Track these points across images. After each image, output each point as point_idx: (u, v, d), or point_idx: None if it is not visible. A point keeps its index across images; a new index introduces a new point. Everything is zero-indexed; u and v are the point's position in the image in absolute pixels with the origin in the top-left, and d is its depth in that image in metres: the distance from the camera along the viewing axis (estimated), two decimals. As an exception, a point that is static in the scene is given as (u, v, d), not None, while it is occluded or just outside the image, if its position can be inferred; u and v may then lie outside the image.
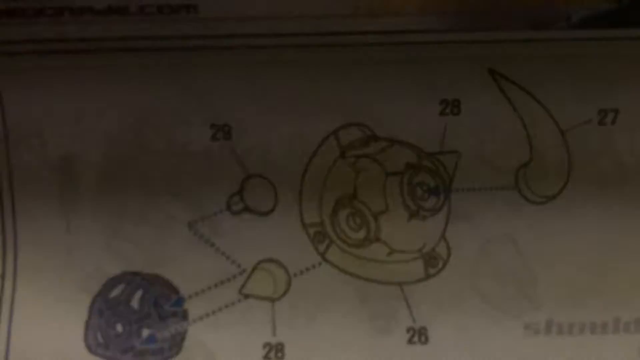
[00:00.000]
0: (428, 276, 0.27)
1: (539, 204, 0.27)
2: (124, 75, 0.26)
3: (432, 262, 0.27)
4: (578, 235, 0.27)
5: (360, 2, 0.25)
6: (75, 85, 0.26)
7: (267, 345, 0.27)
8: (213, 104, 0.26)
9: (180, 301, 0.27)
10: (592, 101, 0.27)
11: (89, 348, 0.27)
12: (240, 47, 0.25)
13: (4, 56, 0.26)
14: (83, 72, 0.26)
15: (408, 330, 0.27)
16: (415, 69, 0.26)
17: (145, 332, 0.27)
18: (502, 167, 0.27)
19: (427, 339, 0.27)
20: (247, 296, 0.27)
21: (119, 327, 0.27)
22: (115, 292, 0.27)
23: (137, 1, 0.24)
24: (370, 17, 0.25)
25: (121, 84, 0.26)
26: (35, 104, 0.26)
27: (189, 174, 0.27)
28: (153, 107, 0.26)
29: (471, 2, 0.25)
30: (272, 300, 0.27)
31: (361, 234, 0.27)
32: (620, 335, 0.27)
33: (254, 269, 0.27)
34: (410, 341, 0.27)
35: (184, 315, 0.27)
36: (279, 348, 0.27)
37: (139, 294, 0.27)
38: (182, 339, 0.27)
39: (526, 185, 0.27)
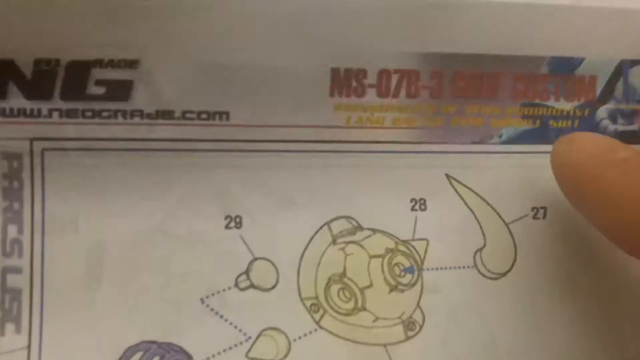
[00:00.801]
0: (407, 338, 0.32)
1: (494, 279, 0.33)
2: (156, 170, 0.32)
3: (410, 326, 0.32)
4: (528, 303, 0.33)
5: (351, 116, 0.33)
6: (110, 181, 0.31)
7: (272, 403, 0.30)
8: (229, 199, 0.32)
9: (193, 366, 0.31)
10: (525, 200, 0.34)
11: (111, 413, 0.30)
12: (263, 151, 0.32)
13: (57, 151, 0.31)
14: (120, 169, 0.32)
15: (393, 387, 0.31)
16: (392, 174, 0.33)
17: (162, 396, 0.30)
18: (462, 251, 0.33)
19: None
20: (252, 359, 0.31)
21: (138, 392, 0.30)
22: (134, 359, 0.31)
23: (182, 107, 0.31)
24: (360, 128, 0.33)
25: (153, 180, 0.32)
26: (74, 197, 0.31)
27: (203, 257, 0.32)
28: (176, 200, 0.32)
29: (431, 120, 0.33)
30: (275, 362, 0.31)
31: (350, 305, 0.32)
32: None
33: (258, 335, 0.31)
34: None
35: (197, 378, 0.30)
36: (283, 406, 0.30)
37: (156, 359, 0.31)
38: (196, 398, 0.30)
39: (482, 264, 0.33)
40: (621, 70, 0.34)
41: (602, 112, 0.35)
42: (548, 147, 0.34)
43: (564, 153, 0.29)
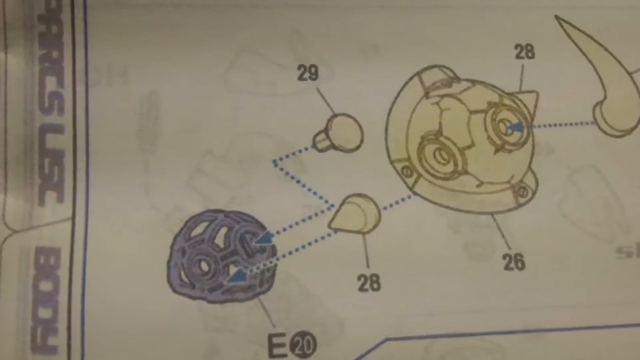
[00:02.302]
0: (519, 205, 0.27)
1: (618, 136, 0.28)
2: (216, 13, 0.27)
3: (522, 192, 0.27)
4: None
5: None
6: (162, 26, 0.27)
7: (361, 276, 0.25)
8: (300, 46, 0.27)
9: (267, 237, 0.26)
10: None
11: (173, 288, 0.25)
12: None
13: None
14: (172, 14, 0.27)
15: (504, 257, 0.26)
16: (491, 16, 0.28)
17: (233, 269, 0.25)
18: (579, 105, 0.28)
19: (523, 265, 0.26)
20: (336, 230, 0.26)
21: (204, 266, 0.25)
22: (197, 231, 0.26)
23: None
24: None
25: (213, 23, 0.27)
26: (121, 43, 0.26)
27: (275, 113, 0.27)
28: (240, 48, 0.27)
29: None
30: (363, 233, 0.26)
31: (449, 167, 0.27)
32: None
33: (342, 203, 0.26)
34: (507, 267, 0.26)
35: (273, 251, 0.26)
36: (374, 279, 0.25)
37: (223, 231, 0.26)
38: (273, 274, 0.25)
39: (603, 119, 0.28)
40: None
41: None
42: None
43: None
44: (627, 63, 0.29)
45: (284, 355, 0.25)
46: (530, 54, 0.28)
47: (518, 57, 0.28)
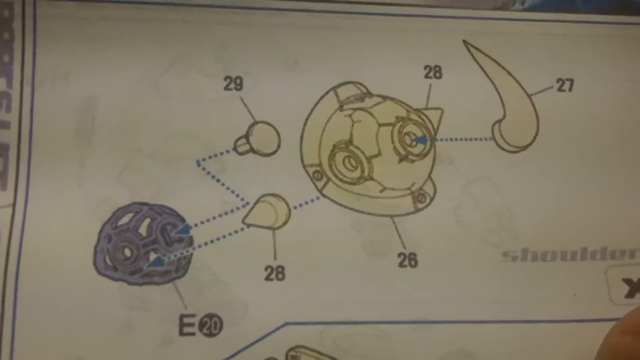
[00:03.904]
0: (417, 210, 0.30)
1: (513, 152, 0.31)
2: (151, 26, 0.30)
3: (420, 198, 0.30)
4: (547, 179, 0.30)
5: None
6: (102, 36, 0.30)
7: (268, 267, 0.28)
8: (228, 58, 0.30)
9: (186, 228, 0.29)
10: (550, 71, 0.31)
11: (98, 270, 0.28)
12: (264, 8, 0.30)
13: (50, 1, 0.30)
14: (112, 26, 0.30)
15: (399, 255, 0.29)
16: (404, 38, 0.31)
17: (153, 256, 0.28)
18: (480, 122, 0.31)
19: (416, 263, 0.29)
20: (249, 225, 0.29)
21: (127, 252, 0.28)
22: (123, 220, 0.29)
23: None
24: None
25: (148, 35, 0.30)
26: (65, 51, 0.30)
27: (201, 118, 0.30)
28: (173, 57, 0.30)
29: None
30: (273, 229, 0.29)
31: (356, 174, 0.30)
32: (588, 262, 0.29)
33: (256, 202, 0.29)
34: (401, 264, 0.29)
35: (190, 242, 0.29)
36: (280, 270, 0.28)
37: (146, 222, 0.29)
38: (188, 262, 0.28)
39: (501, 136, 0.31)
40: None
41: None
42: (575, 17, 0.31)
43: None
44: (527, 85, 0.31)
45: (193, 334, 0.27)
46: (438, 74, 0.31)
47: (427, 76, 0.31)
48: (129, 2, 0.30)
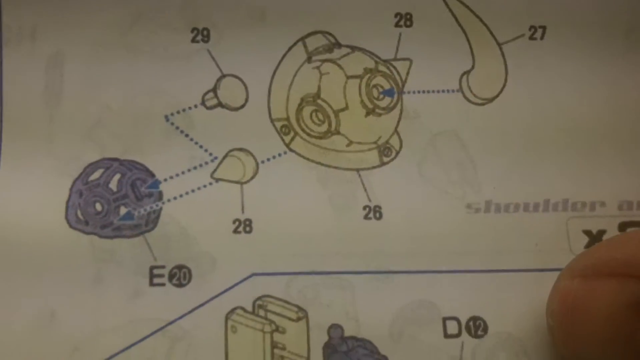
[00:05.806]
0: (382, 163, 0.30)
1: (479, 104, 0.31)
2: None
3: (386, 152, 0.30)
4: (512, 131, 0.30)
5: None
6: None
7: (236, 220, 0.29)
8: (194, 10, 0.30)
9: (156, 183, 0.29)
10: (523, 18, 0.31)
11: (69, 224, 0.29)
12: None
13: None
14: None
15: (364, 208, 0.29)
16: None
17: (123, 210, 0.29)
18: (448, 73, 0.31)
19: (381, 216, 0.29)
20: (217, 180, 0.30)
21: (98, 206, 0.29)
22: (94, 176, 0.29)
23: None
24: None
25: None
26: (32, 5, 0.30)
27: (169, 73, 0.30)
28: (138, 12, 0.30)
29: None
30: (241, 183, 0.30)
31: (323, 128, 0.30)
32: (550, 214, 0.30)
33: (225, 156, 0.30)
34: (366, 217, 0.29)
35: (160, 196, 0.29)
36: (247, 223, 0.29)
37: (117, 177, 0.30)
38: (158, 216, 0.29)
39: (469, 88, 0.31)
40: None
41: None
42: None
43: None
44: (498, 34, 0.31)
45: (163, 284, 0.29)
46: (408, 23, 0.31)
47: (397, 25, 0.31)
48: (92, -45, 0.29)
